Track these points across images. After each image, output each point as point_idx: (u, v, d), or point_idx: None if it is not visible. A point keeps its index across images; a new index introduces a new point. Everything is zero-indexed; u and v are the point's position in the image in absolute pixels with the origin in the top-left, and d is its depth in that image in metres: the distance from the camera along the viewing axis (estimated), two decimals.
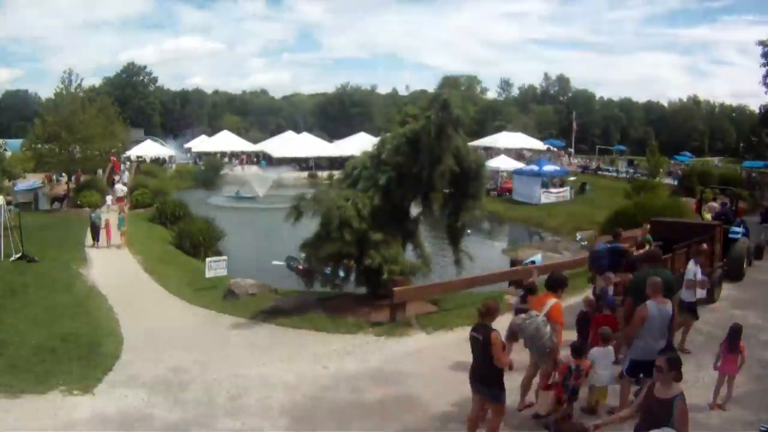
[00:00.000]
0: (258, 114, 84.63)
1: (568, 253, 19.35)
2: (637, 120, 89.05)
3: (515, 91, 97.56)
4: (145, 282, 15.02)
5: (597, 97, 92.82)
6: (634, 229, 14.15)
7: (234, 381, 8.50)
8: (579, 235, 21.20)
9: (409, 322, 11.05)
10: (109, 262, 17.17)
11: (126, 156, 41.67)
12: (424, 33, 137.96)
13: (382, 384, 8.42)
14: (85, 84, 33.23)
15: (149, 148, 51.60)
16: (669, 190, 31.88)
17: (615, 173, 45.05)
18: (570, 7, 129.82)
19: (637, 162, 46.85)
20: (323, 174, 42.79)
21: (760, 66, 39.40)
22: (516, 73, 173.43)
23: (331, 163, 45.74)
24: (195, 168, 48.45)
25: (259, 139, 60.71)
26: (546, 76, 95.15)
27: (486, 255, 19.28)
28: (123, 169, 36.61)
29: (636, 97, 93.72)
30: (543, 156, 47.11)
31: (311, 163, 50.21)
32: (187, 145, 57.44)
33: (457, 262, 12.81)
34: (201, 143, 57.36)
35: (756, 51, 39.28)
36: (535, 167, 35.30)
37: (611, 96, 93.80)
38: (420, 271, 12.58)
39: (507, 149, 48.94)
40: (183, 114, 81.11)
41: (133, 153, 46.76)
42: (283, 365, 9.16)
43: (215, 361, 9.28)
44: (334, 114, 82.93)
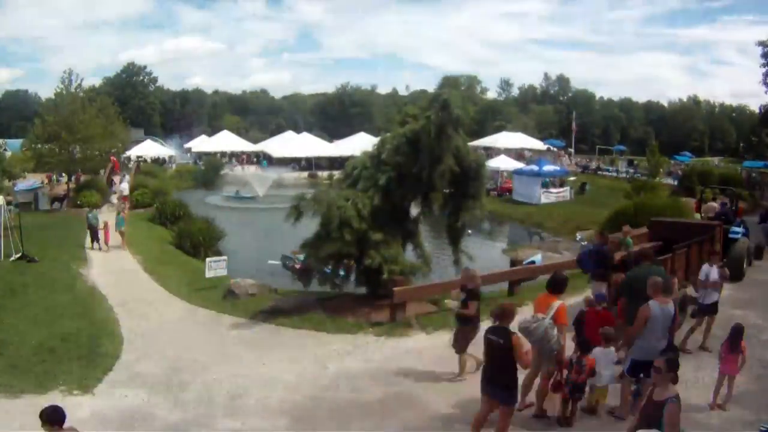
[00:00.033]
0: (258, 114, 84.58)
1: (568, 254, 19.28)
2: (637, 120, 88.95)
3: (515, 91, 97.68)
4: (145, 282, 14.99)
5: (597, 97, 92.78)
6: (636, 229, 14.14)
7: (234, 381, 8.50)
8: (579, 235, 21.26)
9: (409, 322, 11.04)
10: (109, 262, 17.15)
11: (126, 156, 41.56)
12: (424, 33, 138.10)
13: (382, 384, 8.42)
14: (85, 84, 33.10)
15: (149, 148, 51.52)
16: (669, 190, 31.85)
17: (615, 173, 45.06)
18: (570, 7, 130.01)
19: (637, 162, 46.89)
20: (323, 174, 42.78)
21: (760, 66, 39.70)
22: (516, 73, 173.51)
23: (331, 163, 45.73)
24: (195, 168, 48.36)
25: (259, 139, 60.66)
26: (546, 76, 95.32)
27: (486, 255, 19.27)
28: (123, 174, 36.45)
29: (636, 97, 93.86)
30: (543, 156, 47.12)
31: (306, 163, 50.14)
32: (187, 145, 57.39)
33: (457, 262, 12.76)
34: (201, 143, 57.31)
35: (756, 51, 39.56)
36: (535, 167, 35.31)
37: (611, 96, 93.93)
38: (420, 271, 12.56)
39: (507, 149, 48.88)
40: (183, 114, 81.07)
41: (133, 153, 46.66)
42: (283, 365, 9.15)
43: (215, 361, 9.28)
44: (334, 114, 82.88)
